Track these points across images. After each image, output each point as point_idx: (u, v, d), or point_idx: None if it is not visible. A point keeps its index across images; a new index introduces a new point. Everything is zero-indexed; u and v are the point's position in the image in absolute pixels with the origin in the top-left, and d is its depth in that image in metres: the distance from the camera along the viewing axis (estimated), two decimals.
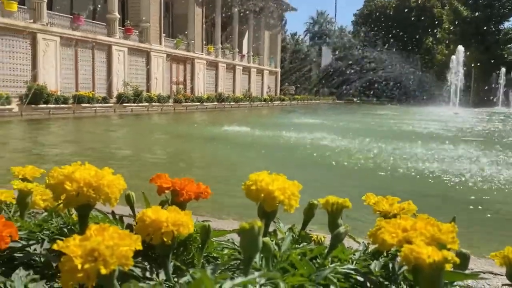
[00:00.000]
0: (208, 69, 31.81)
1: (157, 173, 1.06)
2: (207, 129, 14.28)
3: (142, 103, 22.16)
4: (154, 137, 12.45)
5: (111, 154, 8.48)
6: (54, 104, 17.05)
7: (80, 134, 12.84)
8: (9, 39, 17.40)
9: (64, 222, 1.05)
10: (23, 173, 1.28)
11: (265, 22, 40.98)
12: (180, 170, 6.82)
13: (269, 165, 7.41)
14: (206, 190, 1.05)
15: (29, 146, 9.60)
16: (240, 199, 4.13)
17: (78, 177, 0.84)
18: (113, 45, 22.51)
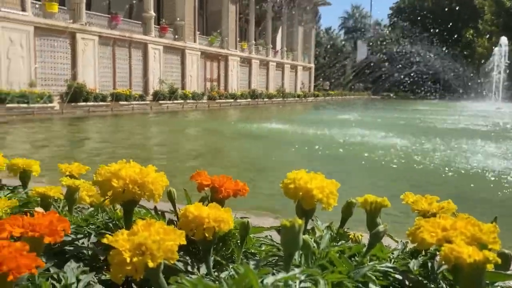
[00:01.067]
0: (241, 65, 31.95)
1: (197, 171, 1.10)
2: (240, 126, 14.36)
3: (177, 101, 22.52)
4: (190, 133, 12.64)
5: (150, 150, 8.69)
6: (93, 102, 17.59)
7: (119, 131, 13.16)
8: (51, 39, 18.06)
9: (109, 217, 1.10)
10: (69, 170, 1.35)
11: (299, 17, 40.71)
12: (215, 167, 6.90)
13: (304, 162, 7.39)
14: (244, 188, 1.07)
15: (73, 142, 9.95)
16: (274, 196, 4.15)
17: (124, 174, 0.88)
18: (149, 43, 22.98)
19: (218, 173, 0.99)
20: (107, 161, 4.71)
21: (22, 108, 14.74)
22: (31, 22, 17.03)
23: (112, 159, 3.70)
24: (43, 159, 6.79)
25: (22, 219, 0.67)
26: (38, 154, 7.61)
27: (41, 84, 17.40)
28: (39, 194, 1.17)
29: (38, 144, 9.30)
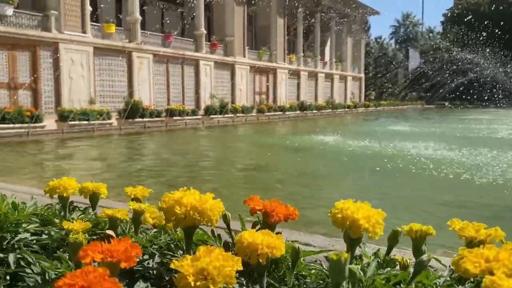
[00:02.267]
0: (290, 78, 32.10)
1: (250, 196, 1.18)
2: (289, 138, 14.40)
3: (228, 114, 22.96)
4: (239, 147, 12.83)
5: (202, 166, 8.89)
6: (148, 118, 18.33)
7: (174, 146, 13.49)
8: (109, 58, 19.08)
9: (171, 239, 1.20)
10: (134, 193, 1.47)
11: (348, 28, 40.38)
12: (265, 182, 6.97)
13: (352, 176, 7.31)
14: (294, 212, 1.13)
15: (132, 159, 10.39)
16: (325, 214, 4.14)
17: (185, 202, 0.98)
18: (201, 60, 23.68)
19: (265, 188, 1.04)
20: (164, 176, 4.92)
21: (83, 125, 15.62)
22: (91, 43, 18.09)
23: (168, 173, 3.87)
24: (105, 175, 7.17)
25: (101, 245, 0.77)
26: (101, 171, 8.02)
27: (100, 101, 18.38)
28: (108, 216, 1.29)
29: (100, 160, 9.81)
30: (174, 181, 6.67)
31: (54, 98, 16.94)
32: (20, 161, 9.09)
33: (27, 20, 16.38)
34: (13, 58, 15.76)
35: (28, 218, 1.18)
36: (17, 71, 15.83)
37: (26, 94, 16.13)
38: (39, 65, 16.42)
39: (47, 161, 9.42)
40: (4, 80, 15.45)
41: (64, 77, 17.03)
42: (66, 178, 1.40)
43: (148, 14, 25.00)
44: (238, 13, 26.52)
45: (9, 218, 1.12)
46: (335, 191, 6.04)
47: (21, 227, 1.14)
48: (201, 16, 24.07)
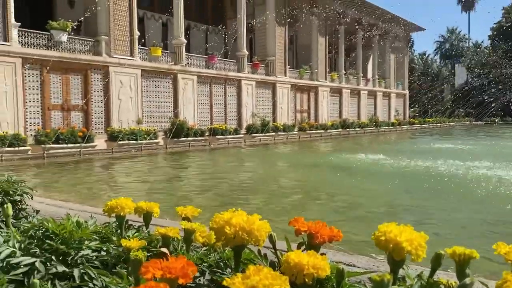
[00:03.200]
0: (331, 95, 31.96)
1: (295, 217, 1.22)
2: (331, 157, 14.27)
3: (269, 133, 23.10)
4: (281, 166, 12.83)
5: (247, 184, 8.97)
6: (192, 137, 18.77)
7: (218, 164, 13.67)
8: (155, 80, 19.81)
9: (220, 257, 1.26)
10: (185, 213, 1.55)
11: (391, 45, 39.90)
12: (309, 203, 6.95)
13: (397, 196, 7.15)
14: (338, 234, 1.17)
15: (180, 177, 10.66)
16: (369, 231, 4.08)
17: (234, 222, 1.04)
18: (242, 80, 24.10)
19: (308, 207, 1.06)
20: (208, 195, 5.03)
21: (132, 145, 16.21)
22: (139, 66, 18.88)
23: (212, 192, 3.99)
24: (154, 193, 7.40)
25: (160, 262, 0.84)
26: (150, 189, 8.28)
27: (146, 121, 19.05)
28: (161, 234, 1.37)
29: (149, 178, 10.11)
30: (219, 200, 6.79)
31: (104, 118, 17.72)
32: (75, 180, 9.55)
33: (79, 45, 17.35)
34: (67, 81, 16.68)
35: (90, 236, 1.28)
36: (70, 93, 16.73)
37: (78, 115, 16.98)
38: (90, 88, 17.29)
39: (99, 179, 9.83)
40: (58, 102, 16.36)
41: (114, 98, 17.81)
42: (123, 198, 1.50)
43: (192, 37, 25.85)
44: (279, 33, 26.89)
45: (74, 236, 1.22)
46: (390, 212, 5.94)
47: (84, 244, 1.24)
48: (243, 37, 24.60)
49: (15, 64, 14.83)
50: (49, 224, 1.24)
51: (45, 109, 15.93)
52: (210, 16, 27.62)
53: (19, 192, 2.32)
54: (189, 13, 23.25)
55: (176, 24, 21.07)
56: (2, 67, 14.48)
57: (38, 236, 1.21)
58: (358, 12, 33.59)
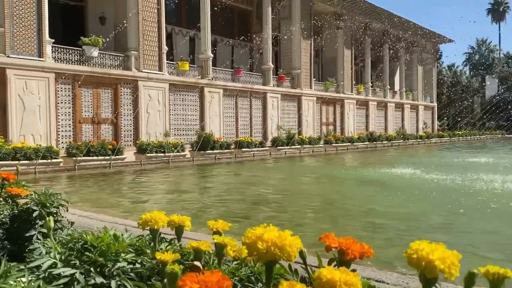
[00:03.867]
0: (358, 108, 31.72)
1: (325, 233, 1.24)
2: (359, 171, 14.10)
3: (295, 146, 23.06)
4: (306, 180, 12.75)
5: (274, 198, 8.95)
6: (218, 150, 18.92)
7: (245, 177, 13.62)
8: (183, 94, 20.15)
9: (251, 271, 1.28)
10: (216, 227, 1.58)
11: (418, 56, 39.42)
12: (336, 218, 6.89)
13: (429, 212, 6.99)
14: (369, 250, 1.18)
15: (210, 189, 10.75)
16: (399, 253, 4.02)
17: (267, 238, 1.06)
18: (268, 93, 24.23)
19: (335, 222, 1.06)
20: (236, 208, 5.06)
21: (160, 157, 16.47)
22: (167, 80, 19.26)
23: (240, 205, 4.01)
24: (183, 206, 7.48)
25: (196, 276, 0.88)
26: (179, 202, 8.38)
27: (173, 134, 19.35)
28: (193, 247, 1.41)
29: (178, 190, 10.24)
30: (245, 213, 6.81)
31: (133, 131, 18.10)
32: (105, 192, 9.76)
33: (110, 60, 17.86)
34: (98, 95, 17.16)
35: (126, 249, 1.32)
36: (100, 107, 17.19)
37: (107, 128, 17.41)
38: (120, 101, 17.72)
39: (129, 191, 10.01)
40: (89, 115, 16.83)
41: (142, 112, 18.19)
42: (156, 212, 1.55)
43: (219, 51, 26.22)
44: (305, 46, 26.98)
45: (111, 248, 1.27)
46: (421, 229, 5.83)
47: (120, 257, 1.29)
48: (268, 51, 24.80)
49: (49, 79, 15.38)
50: (88, 236, 1.29)
51: (76, 122, 16.41)
52: (236, 30, 27.99)
53: (55, 204, 2.41)
54: (216, 28, 23.64)
55: (203, 39, 21.45)
56: (36, 82, 15.04)
57: (78, 248, 1.26)
58: (385, 24, 33.40)
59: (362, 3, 29.92)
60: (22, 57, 14.81)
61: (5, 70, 14.31)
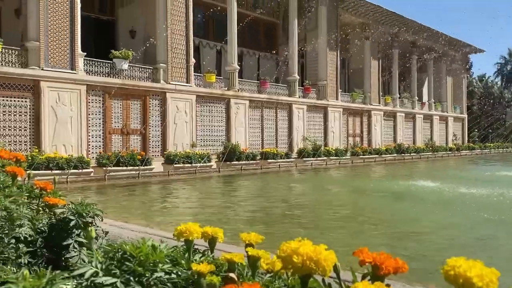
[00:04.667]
0: (385, 120, 31.33)
1: (359, 248, 1.25)
2: (389, 183, 13.87)
3: (321, 157, 22.92)
4: (334, 192, 12.62)
5: (301, 212, 8.89)
6: (244, 161, 18.99)
7: (273, 189, 13.51)
8: (209, 105, 20.39)
9: (285, 284, 1.30)
10: (249, 239, 1.61)
11: (448, 67, 38.72)
12: (366, 232, 6.80)
13: (460, 228, 6.81)
14: (403, 266, 1.18)
15: (237, 200, 10.77)
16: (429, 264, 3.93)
17: (302, 251, 1.08)
18: (293, 104, 24.25)
19: (364, 236, 1.06)
20: (264, 220, 5.06)
21: (187, 168, 16.65)
22: (194, 91, 19.55)
23: (268, 217, 4.03)
24: (212, 217, 7.54)
25: (236, 287, 0.90)
26: (210, 212, 8.44)
27: (200, 145, 19.55)
28: (226, 259, 1.44)
29: (204, 200, 10.33)
30: (274, 226, 6.80)
31: (161, 142, 18.40)
32: (135, 201, 9.94)
33: (139, 73, 18.29)
34: (127, 106, 17.56)
35: (163, 259, 1.36)
36: (129, 118, 17.58)
37: (136, 138, 17.76)
38: (148, 113, 18.08)
39: (157, 201, 10.17)
40: (118, 126, 17.22)
41: (170, 123, 18.50)
42: (191, 223, 1.59)
43: (245, 63, 26.47)
44: (331, 57, 26.93)
45: (149, 258, 1.31)
46: (456, 245, 5.70)
47: (158, 267, 1.33)
48: (294, 62, 24.88)
49: (80, 91, 15.85)
50: (127, 246, 1.34)
51: (106, 133, 16.81)
52: (263, 42, 28.23)
53: (91, 214, 2.48)
54: (242, 41, 23.91)
55: (230, 51, 21.72)
56: (69, 93, 15.52)
57: (118, 257, 1.31)
58: (413, 35, 33.02)
59: (390, 14, 29.73)
60: (55, 70, 15.34)
61: (39, 82, 14.84)
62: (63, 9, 15.63)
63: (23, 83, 14.65)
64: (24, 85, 14.70)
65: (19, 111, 14.59)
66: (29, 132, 14.77)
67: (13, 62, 14.78)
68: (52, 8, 15.36)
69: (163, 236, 3.33)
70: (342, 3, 27.17)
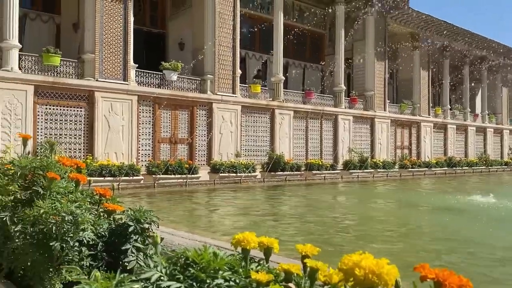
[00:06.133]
0: (435, 132, 30.30)
1: (420, 263, 1.23)
2: (439, 198, 13.35)
3: (367, 169, 22.48)
4: (387, 206, 12.22)
5: (352, 225, 8.74)
6: (289, 171, 18.96)
7: (319, 201, 13.37)
8: (254, 115, 20.56)
9: None
10: (304, 251, 1.62)
11: (503, 78, 37.02)
12: (421, 248, 6.59)
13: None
14: (467, 283, 1.15)
15: (284, 211, 10.78)
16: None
17: (364, 265, 1.09)
18: (339, 115, 23.98)
19: (422, 255, 1.02)
20: (314, 233, 5.03)
21: (231, 177, 16.86)
22: (239, 102, 19.80)
23: (313, 229, 4.00)
24: (259, 228, 7.58)
25: None
26: (251, 221, 8.50)
27: (244, 155, 19.72)
28: (283, 269, 1.46)
29: (251, 210, 10.37)
30: (324, 238, 6.74)
31: (206, 151, 18.73)
32: (184, 208, 10.16)
33: (187, 84, 18.76)
34: (175, 116, 18.04)
35: (223, 266, 1.41)
36: (177, 128, 18.04)
37: (183, 147, 18.18)
38: (195, 123, 18.48)
39: (205, 209, 10.34)
40: (167, 135, 17.71)
41: (215, 132, 18.81)
42: (248, 233, 1.63)
43: (290, 73, 26.53)
44: (379, 68, 26.48)
45: (211, 265, 1.36)
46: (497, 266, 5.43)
47: (218, 274, 1.37)
48: (341, 73, 24.66)
49: (132, 101, 16.47)
50: (189, 253, 1.39)
51: (155, 142, 17.33)
52: (308, 53, 28.21)
53: (148, 221, 2.58)
54: (288, 51, 24.02)
55: (275, 62, 21.86)
56: (121, 103, 16.17)
57: (181, 263, 1.36)
58: (465, 44, 31.90)
59: (441, 23, 28.89)
60: (109, 80, 16.05)
61: (94, 92, 15.57)
62: (117, 23, 16.38)
63: (79, 93, 15.43)
64: (80, 95, 15.46)
65: (74, 120, 15.34)
66: (83, 140, 15.49)
67: (70, 74, 15.60)
68: (107, 23, 16.13)
69: (212, 244, 3.39)
70: (390, 13, 26.72)
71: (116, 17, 16.35)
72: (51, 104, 14.87)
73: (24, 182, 2.70)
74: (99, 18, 15.91)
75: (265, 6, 24.74)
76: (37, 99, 14.51)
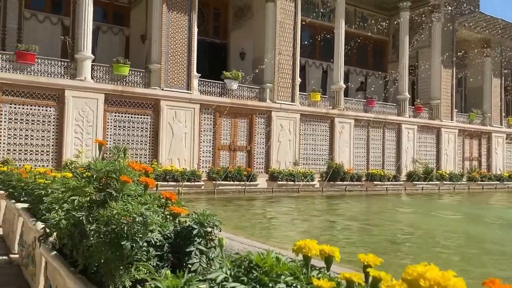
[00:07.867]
0: (508, 143, 28.41)
1: (490, 278, 1.19)
2: None
3: (433, 181, 21.52)
4: (456, 221, 11.58)
5: (411, 239, 8.46)
6: (348, 181, 18.61)
7: (381, 212, 13.01)
8: (313, 123, 20.43)
9: None
10: (367, 260, 1.62)
11: None
12: (493, 267, 6.24)
13: None
14: None
15: (345, 222, 10.60)
16: None
17: (429, 276, 1.07)
18: (403, 124, 23.20)
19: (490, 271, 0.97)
20: (369, 243, 4.94)
21: (290, 185, 16.86)
22: (298, 110, 19.78)
23: (371, 241, 3.92)
24: (318, 237, 7.54)
25: None
26: (308, 231, 8.46)
27: (302, 163, 19.63)
28: (345, 278, 1.47)
29: (309, 219, 10.33)
30: (383, 250, 6.56)
31: (264, 159, 18.87)
32: (243, 214, 10.31)
33: (247, 92, 19.06)
34: (235, 124, 18.38)
35: (285, 272, 1.44)
36: (237, 135, 18.35)
37: (242, 155, 18.45)
38: (254, 130, 18.70)
39: (265, 216, 10.43)
40: (226, 143, 18.08)
41: (274, 140, 18.92)
42: (309, 240, 1.65)
43: (351, 81, 26.13)
44: (446, 75, 25.34)
45: (274, 269, 1.39)
46: None
47: (281, 278, 1.40)
48: (405, 80, 23.89)
49: (194, 110, 17.01)
50: (253, 256, 1.44)
51: (215, 149, 17.74)
52: (370, 60, 27.66)
53: (211, 224, 2.67)
54: (349, 59, 23.70)
55: (336, 70, 21.63)
56: (184, 111, 16.75)
57: (245, 266, 1.41)
58: None
59: None
60: (173, 90, 16.70)
61: (160, 101, 16.26)
62: (182, 34, 17.04)
63: (145, 102, 16.19)
64: (146, 103, 16.22)
65: (141, 127, 16.10)
66: (149, 146, 16.20)
67: (138, 83, 16.42)
68: (173, 34, 16.83)
69: (271, 250, 3.43)
70: (459, 18, 25.56)
71: (181, 28, 17.02)
72: (120, 112, 15.73)
73: (99, 184, 2.90)
74: (165, 30, 16.64)
75: (327, 14, 24.62)
76: (107, 107, 15.41)
